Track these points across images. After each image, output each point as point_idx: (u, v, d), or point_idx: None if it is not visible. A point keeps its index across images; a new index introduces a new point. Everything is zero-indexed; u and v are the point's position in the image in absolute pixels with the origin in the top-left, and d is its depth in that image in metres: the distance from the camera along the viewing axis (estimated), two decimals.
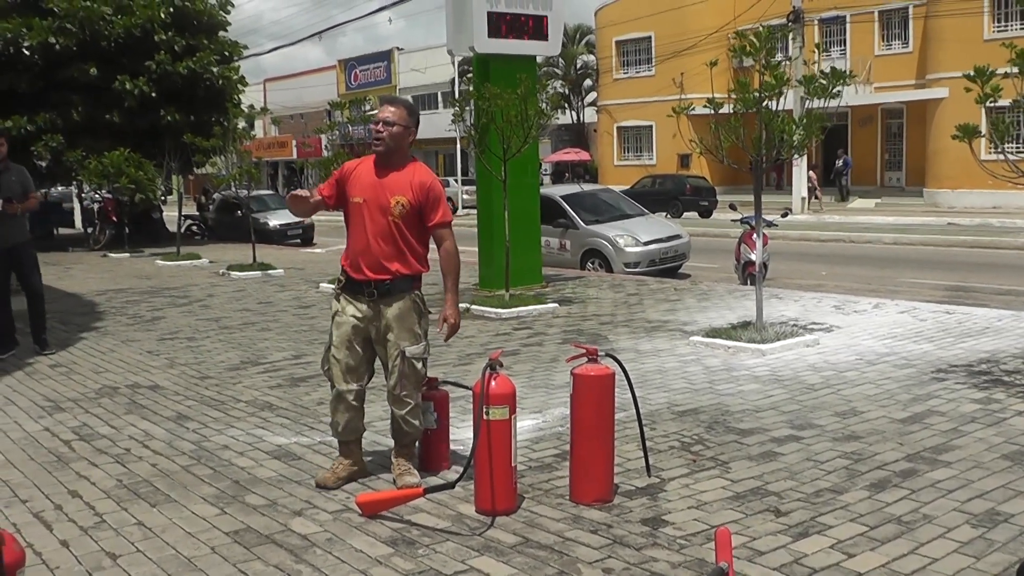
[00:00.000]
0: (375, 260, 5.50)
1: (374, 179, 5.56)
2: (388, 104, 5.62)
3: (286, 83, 73.45)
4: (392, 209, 5.48)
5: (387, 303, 5.54)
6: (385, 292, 5.53)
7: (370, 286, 5.53)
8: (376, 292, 5.53)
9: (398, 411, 5.61)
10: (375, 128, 5.54)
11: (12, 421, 7.58)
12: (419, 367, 5.60)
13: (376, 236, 5.49)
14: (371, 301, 5.55)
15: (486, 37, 13.53)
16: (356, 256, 5.56)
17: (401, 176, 5.54)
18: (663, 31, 46.56)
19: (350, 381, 5.64)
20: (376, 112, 5.63)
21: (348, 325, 5.59)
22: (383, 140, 5.51)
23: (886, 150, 42.60)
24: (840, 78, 9.49)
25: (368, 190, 5.55)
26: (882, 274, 17.87)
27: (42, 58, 25.60)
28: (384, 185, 5.52)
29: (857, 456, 5.99)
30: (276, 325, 11.93)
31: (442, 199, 5.65)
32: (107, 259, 23.30)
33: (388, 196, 5.49)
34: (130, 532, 5.09)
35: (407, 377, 5.54)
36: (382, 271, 5.51)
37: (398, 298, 5.55)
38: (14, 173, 10.31)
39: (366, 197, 5.54)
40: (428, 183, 5.55)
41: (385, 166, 5.58)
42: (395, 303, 5.54)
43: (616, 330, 10.78)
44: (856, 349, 9.37)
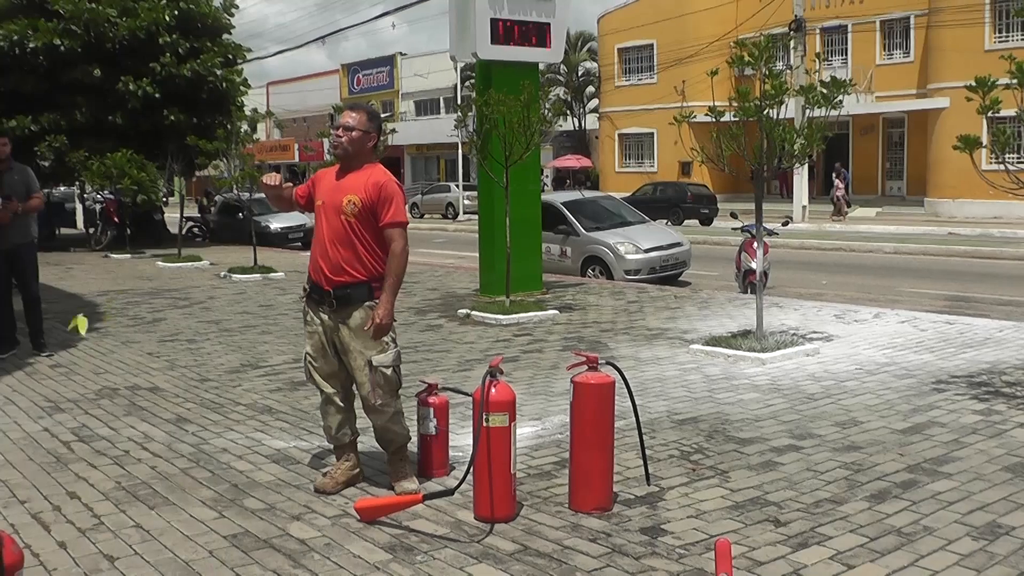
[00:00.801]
0: (334, 263, 5.49)
1: (334, 182, 5.62)
2: (349, 110, 5.69)
3: (289, 86, 73.47)
4: (344, 208, 5.47)
5: (347, 313, 5.52)
6: (344, 301, 5.50)
7: (330, 295, 5.52)
8: (336, 302, 5.51)
9: (378, 421, 5.63)
10: (335, 133, 5.61)
11: (12, 421, 7.58)
12: (390, 374, 5.57)
13: (332, 239, 5.50)
14: (332, 311, 5.55)
15: (489, 43, 13.53)
16: (317, 259, 5.59)
17: (357, 177, 5.56)
18: (665, 39, 46.58)
19: (333, 385, 5.69)
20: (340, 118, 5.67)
21: (317, 334, 5.64)
22: (342, 144, 5.57)
23: (887, 159, 42.60)
24: (840, 87, 9.48)
25: (327, 193, 5.61)
26: (882, 283, 17.86)
27: (47, 59, 25.62)
28: (340, 187, 5.56)
29: (857, 466, 5.98)
30: (276, 328, 11.92)
31: (395, 198, 5.56)
32: (108, 260, 23.33)
33: (341, 196, 5.51)
34: (128, 534, 5.09)
35: (380, 386, 5.52)
36: (340, 274, 5.49)
37: (357, 307, 5.51)
38: (17, 172, 10.32)
39: (325, 200, 5.59)
40: (381, 182, 5.53)
41: (346, 170, 5.63)
42: (355, 313, 5.51)
43: (616, 337, 10.78)
44: (856, 359, 9.36)
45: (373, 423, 5.66)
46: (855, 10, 41.50)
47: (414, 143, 61.14)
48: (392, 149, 38.41)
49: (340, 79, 70.86)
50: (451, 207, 47.39)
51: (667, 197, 37.38)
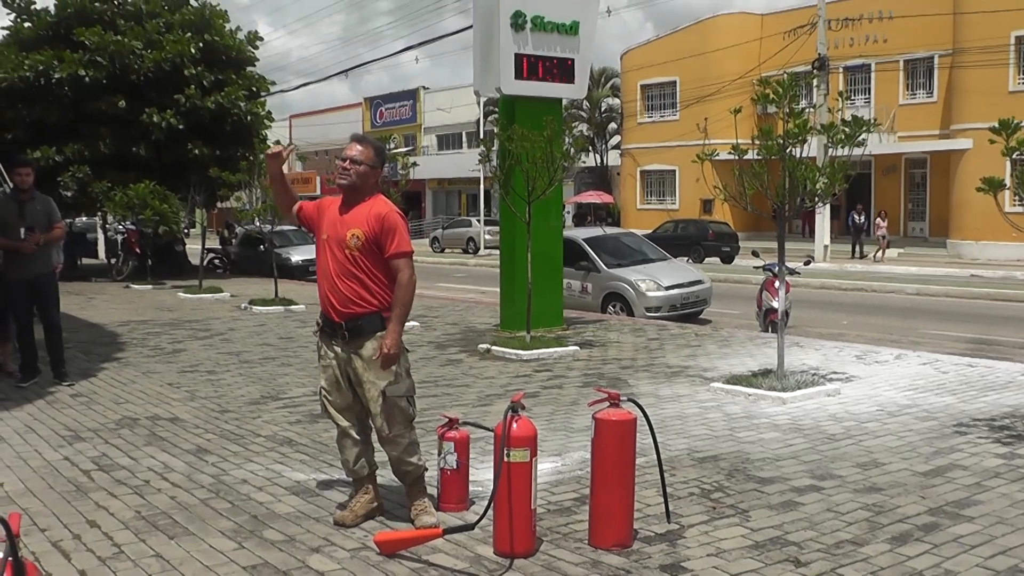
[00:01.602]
0: (342, 296, 5.52)
1: (337, 215, 5.62)
2: (356, 143, 5.69)
3: (311, 119, 74.00)
4: (348, 241, 5.48)
5: (359, 344, 5.53)
6: (356, 332, 5.52)
7: (342, 328, 5.54)
8: (348, 334, 5.53)
9: (393, 452, 5.63)
10: (342, 165, 5.59)
11: (32, 449, 7.61)
12: (404, 405, 5.59)
13: (339, 272, 5.52)
14: (344, 343, 5.57)
15: (513, 78, 13.60)
16: (326, 293, 5.61)
17: (359, 210, 5.56)
18: (688, 76, 46.71)
19: (348, 418, 5.71)
20: (345, 151, 5.65)
21: (331, 368, 5.66)
22: (349, 177, 5.58)
23: (909, 200, 42.53)
24: (862, 127, 9.47)
25: (330, 227, 5.61)
26: (904, 325, 17.79)
27: (72, 90, 25.84)
28: (344, 221, 5.56)
29: (878, 508, 5.94)
30: (296, 361, 11.94)
31: (398, 229, 5.54)
32: (129, 290, 23.43)
33: (345, 229, 5.52)
34: (148, 564, 5.09)
35: (393, 417, 5.55)
36: (350, 305, 5.51)
37: (369, 337, 5.52)
38: (39, 203, 10.42)
39: (329, 234, 5.60)
40: (383, 213, 5.52)
41: (349, 203, 5.62)
42: (367, 344, 5.52)
43: (636, 375, 10.76)
44: (877, 400, 9.31)
45: (388, 454, 5.66)
46: (879, 49, 41.55)
47: (436, 177, 61.43)
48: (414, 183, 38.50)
49: (363, 112, 71.34)
50: (472, 242, 47.50)
51: (688, 235, 37.40)
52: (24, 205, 10.19)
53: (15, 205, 10.19)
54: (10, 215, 10.13)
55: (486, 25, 13.91)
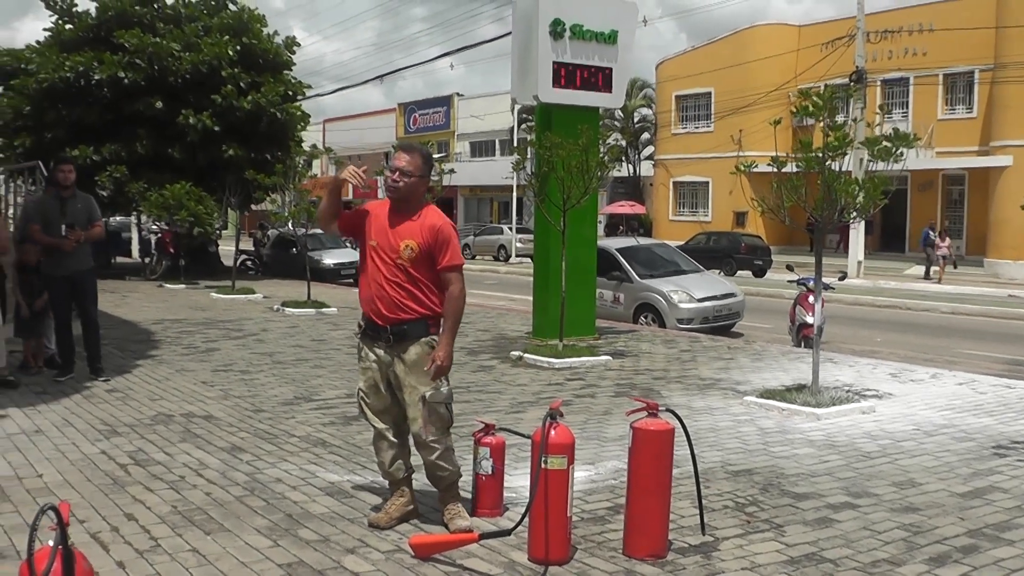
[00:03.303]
0: (390, 302, 5.53)
1: (387, 224, 5.61)
2: (404, 153, 5.67)
3: (345, 124, 74.18)
4: (401, 253, 5.50)
5: (403, 348, 5.55)
6: (401, 337, 5.55)
7: (386, 331, 5.56)
8: (392, 337, 5.55)
9: (428, 456, 5.61)
10: (391, 176, 5.58)
11: (70, 442, 7.68)
12: (443, 411, 5.59)
13: (389, 280, 5.53)
14: (387, 347, 5.59)
15: (550, 87, 13.60)
16: (372, 299, 5.60)
17: (412, 221, 5.58)
18: (723, 87, 46.57)
19: (385, 421, 5.72)
20: (394, 161, 5.63)
21: (371, 371, 5.66)
22: (398, 189, 5.58)
23: (946, 217, 42.13)
24: (904, 141, 9.40)
25: (381, 235, 5.60)
26: (939, 344, 17.65)
27: (111, 91, 26.16)
28: (395, 230, 5.57)
29: (916, 528, 5.89)
30: (329, 363, 11.98)
31: (452, 241, 5.61)
32: (163, 289, 23.60)
33: (398, 241, 5.53)
34: (185, 558, 5.13)
35: (432, 423, 5.54)
36: (397, 311, 5.52)
37: (414, 343, 5.55)
38: (80, 201, 10.52)
39: (379, 241, 5.59)
40: (437, 225, 5.57)
41: (399, 212, 5.63)
42: (411, 348, 5.54)
43: (669, 386, 10.73)
44: (913, 419, 9.23)
45: (423, 459, 5.65)
46: (918, 62, 41.22)
47: (468, 184, 61.48)
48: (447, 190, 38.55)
49: (396, 118, 71.45)
50: (503, 249, 47.50)
51: (720, 247, 37.24)
52: (66, 203, 10.29)
53: (57, 203, 10.29)
54: (52, 212, 10.23)
55: (525, 33, 13.93)
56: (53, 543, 3.41)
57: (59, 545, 3.38)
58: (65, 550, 3.41)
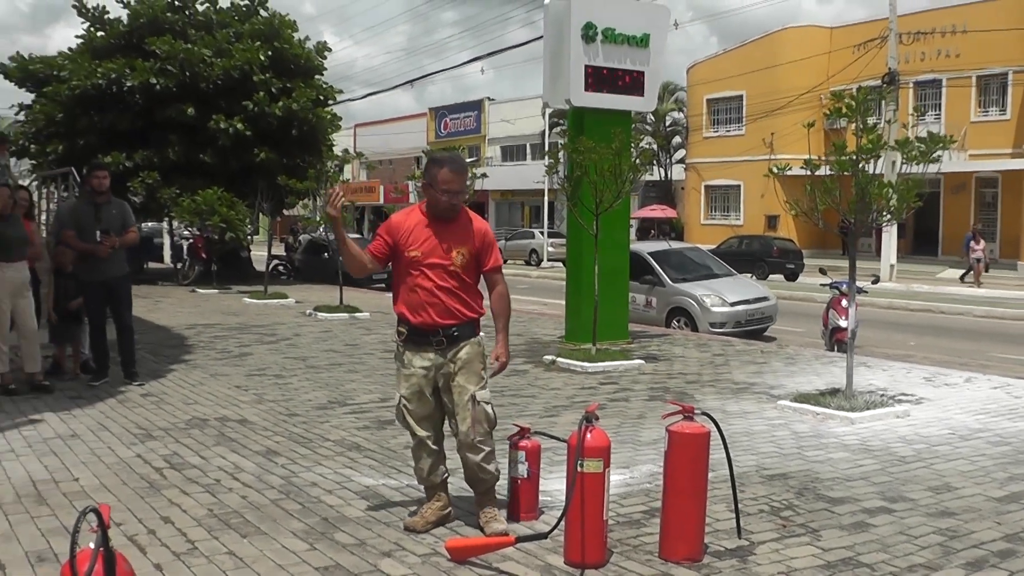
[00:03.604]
0: (443, 309, 5.57)
1: (430, 232, 5.63)
2: (458, 173, 5.66)
3: (376, 129, 74.35)
4: (455, 260, 5.60)
5: (455, 350, 5.61)
6: (453, 339, 5.61)
7: (437, 334, 5.59)
8: (444, 340, 5.60)
9: (473, 457, 5.64)
10: (451, 201, 5.60)
11: (106, 446, 7.75)
12: (490, 411, 5.69)
13: (439, 287, 5.57)
14: (439, 349, 5.62)
15: (583, 90, 13.58)
16: (420, 307, 5.60)
17: (458, 227, 5.68)
18: (754, 90, 46.37)
19: (427, 428, 5.72)
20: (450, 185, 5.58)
21: (416, 377, 5.65)
22: (455, 207, 5.65)
23: (979, 220, 41.78)
24: (939, 143, 9.33)
25: (426, 244, 5.61)
26: (973, 347, 17.52)
27: (143, 98, 26.33)
28: (443, 238, 5.62)
29: (952, 533, 5.85)
30: (363, 367, 12.02)
31: (495, 244, 5.83)
32: (195, 294, 23.73)
33: (450, 248, 5.61)
34: (222, 561, 5.16)
35: (480, 423, 5.61)
36: (450, 317, 5.59)
37: (464, 343, 5.64)
38: (115, 207, 10.62)
39: (424, 250, 5.60)
40: (483, 229, 5.77)
41: (440, 220, 5.67)
42: (463, 349, 5.63)
43: (702, 390, 10.70)
44: (948, 423, 9.16)
45: (466, 462, 5.68)
46: (951, 64, 40.90)
47: (499, 188, 61.51)
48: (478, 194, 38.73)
49: (427, 123, 71.59)
50: (535, 253, 47.50)
51: (752, 251, 37.06)
52: (100, 208, 10.39)
53: (92, 208, 10.39)
54: (87, 218, 10.33)
55: (556, 36, 13.92)
56: (94, 545, 3.44)
57: (100, 547, 3.41)
58: (106, 552, 3.44)
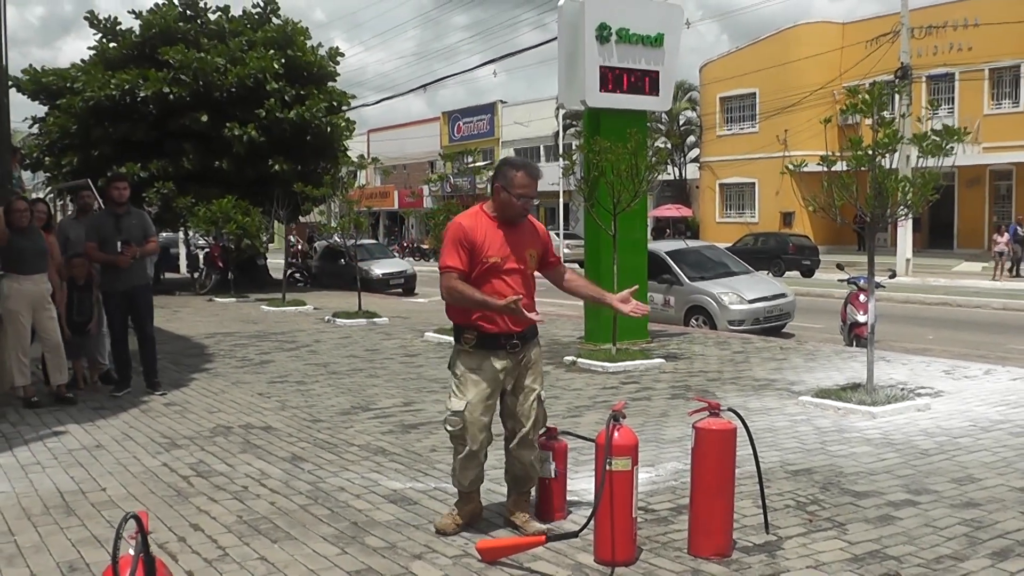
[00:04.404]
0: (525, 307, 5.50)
1: (502, 237, 5.63)
2: (533, 178, 5.72)
3: (389, 134, 74.54)
4: (529, 263, 5.72)
5: (528, 349, 5.66)
6: (526, 340, 5.65)
7: (512, 337, 5.56)
8: (520, 342, 5.60)
9: (530, 456, 5.71)
10: (525, 206, 5.72)
11: (131, 456, 7.79)
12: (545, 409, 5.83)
13: (517, 291, 5.50)
14: (512, 353, 5.58)
15: (598, 91, 13.64)
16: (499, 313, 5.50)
17: (524, 229, 5.77)
18: (768, 87, 46.34)
19: (484, 440, 5.59)
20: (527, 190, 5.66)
21: (487, 381, 5.53)
22: (528, 211, 5.81)
23: (994, 212, 41.67)
24: (955, 135, 9.34)
25: (502, 248, 5.61)
26: (991, 340, 17.47)
27: (156, 107, 26.40)
28: (517, 242, 5.68)
29: (977, 523, 5.87)
30: (384, 372, 12.07)
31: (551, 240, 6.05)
32: (213, 303, 23.78)
33: (523, 251, 5.69)
34: (254, 566, 5.20)
35: (540, 420, 5.74)
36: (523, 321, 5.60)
37: (535, 343, 5.75)
38: (135, 217, 10.68)
39: (502, 255, 5.59)
40: (544, 230, 5.99)
41: (509, 224, 5.71)
42: (533, 349, 5.72)
43: (724, 387, 10.72)
44: (969, 415, 9.17)
45: (522, 460, 5.70)
46: (963, 58, 40.80)
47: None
48: None
49: (440, 126, 71.70)
50: None
51: (768, 248, 36.99)
52: (120, 219, 10.44)
53: (112, 219, 10.44)
54: (107, 229, 10.38)
55: (571, 38, 13.96)
56: (133, 551, 3.49)
57: (140, 553, 3.46)
58: (147, 557, 3.48)
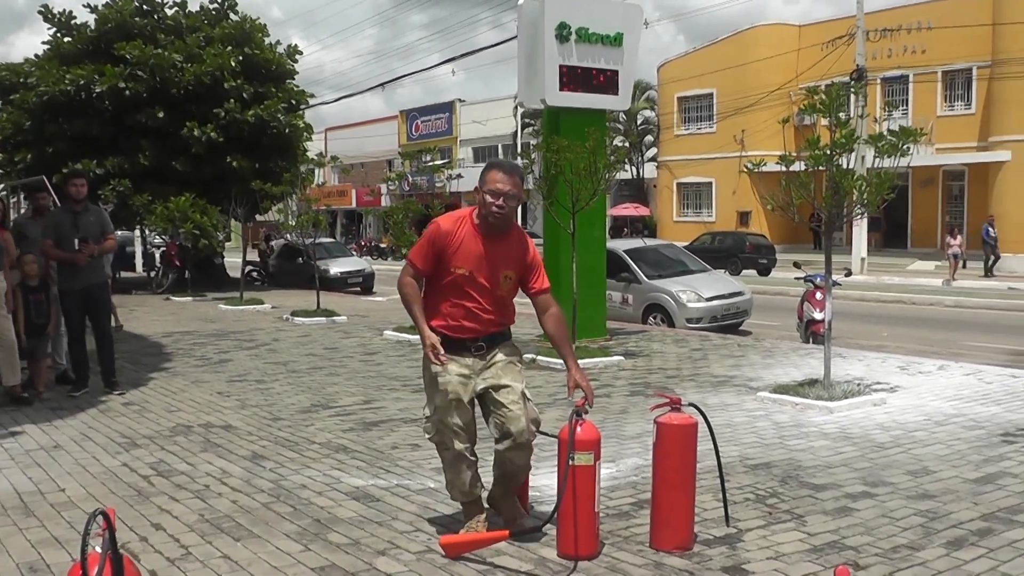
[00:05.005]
0: (485, 323, 5.44)
1: (480, 250, 5.38)
2: (506, 174, 5.39)
3: (347, 132, 74.20)
4: (501, 284, 5.44)
5: (493, 353, 5.48)
6: (492, 344, 5.50)
7: (476, 341, 5.44)
8: (485, 345, 5.47)
9: (523, 458, 5.44)
10: (496, 203, 5.31)
11: (90, 456, 7.73)
12: (535, 409, 5.52)
13: (484, 309, 5.41)
14: (478, 354, 5.45)
15: (557, 90, 13.68)
16: (460, 320, 5.40)
17: (507, 247, 5.46)
18: (725, 88, 46.61)
19: (465, 440, 5.40)
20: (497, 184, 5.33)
21: (455, 383, 5.33)
22: (503, 215, 5.36)
23: (947, 212, 42.19)
24: (910, 136, 9.48)
25: (474, 261, 5.37)
26: (944, 337, 17.73)
27: (112, 104, 26.12)
28: (492, 258, 5.40)
29: (932, 514, 5.98)
30: (344, 370, 12.06)
31: (542, 266, 5.65)
32: (170, 302, 23.59)
33: (498, 271, 5.41)
34: (217, 564, 5.19)
35: (534, 420, 5.42)
36: (491, 328, 5.48)
37: (503, 344, 5.56)
38: (92, 214, 10.56)
39: (471, 268, 5.36)
40: (532, 253, 5.57)
41: (491, 236, 5.42)
42: (503, 349, 5.52)
43: (682, 384, 10.80)
44: (923, 410, 9.32)
45: (516, 462, 5.42)
46: (917, 60, 41.27)
47: (471, 190, 61.56)
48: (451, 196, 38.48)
49: (398, 125, 71.52)
50: None
51: (725, 247, 37.25)
52: (78, 216, 10.32)
53: (69, 216, 10.34)
54: (65, 227, 10.27)
55: (530, 37, 14.00)
56: (101, 548, 3.48)
57: (108, 549, 3.46)
58: (114, 554, 3.48)
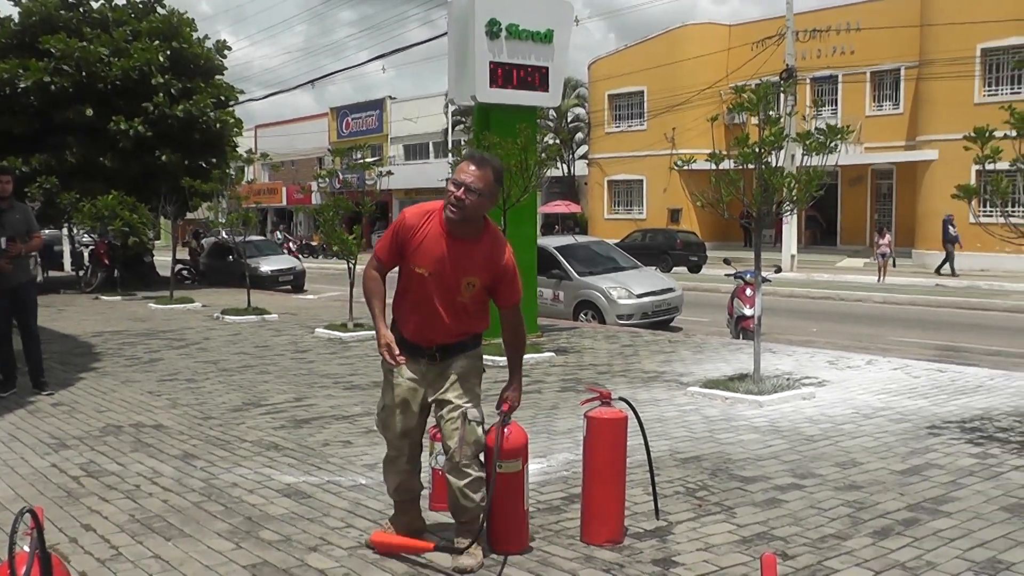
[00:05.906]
0: (445, 329, 5.05)
1: (443, 251, 4.94)
2: (473, 165, 4.91)
3: (277, 129, 73.53)
4: (463, 292, 4.99)
5: (449, 362, 5.09)
6: (448, 354, 5.10)
7: (432, 349, 5.08)
8: (439, 355, 5.09)
9: (458, 483, 5.02)
10: (455, 193, 4.83)
11: (19, 457, 7.62)
12: (480, 433, 5.07)
13: (442, 314, 5.01)
14: (432, 363, 5.11)
15: (487, 87, 13.70)
16: (420, 325, 5.06)
17: (474, 250, 4.98)
18: (656, 86, 46.84)
19: (403, 445, 5.21)
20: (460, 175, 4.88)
21: (404, 387, 5.11)
22: (461, 208, 4.86)
23: (875, 210, 42.82)
24: (838, 134, 9.64)
25: (435, 263, 4.96)
26: (872, 332, 18.03)
27: (38, 99, 25.56)
28: (454, 261, 4.95)
29: (859, 505, 6.10)
30: (275, 368, 11.99)
31: (516, 278, 5.14)
32: (99, 301, 23.23)
33: (459, 276, 4.97)
34: (148, 565, 5.15)
35: (467, 443, 4.99)
36: (450, 336, 5.08)
37: (461, 357, 5.12)
38: (18, 211, 10.33)
39: (432, 271, 4.95)
40: (505, 261, 5.05)
41: (455, 235, 4.95)
42: (459, 362, 5.10)
43: (613, 379, 10.87)
44: (852, 403, 9.49)
45: (450, 484, 5.07)
46: (845, 61, 41.78)
47: (403, 187, 61.37)
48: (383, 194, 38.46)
49: (329, 122, 71.02)
50: None
51: (656, 244, 37.52)
52: (3, 214, 10.09)
53: None
54: None
55: (461, 33, 14.02)
56: (29, 547, 3.44)
57: (35, 549, 3.42)
58: (43, 553, 3.44)
